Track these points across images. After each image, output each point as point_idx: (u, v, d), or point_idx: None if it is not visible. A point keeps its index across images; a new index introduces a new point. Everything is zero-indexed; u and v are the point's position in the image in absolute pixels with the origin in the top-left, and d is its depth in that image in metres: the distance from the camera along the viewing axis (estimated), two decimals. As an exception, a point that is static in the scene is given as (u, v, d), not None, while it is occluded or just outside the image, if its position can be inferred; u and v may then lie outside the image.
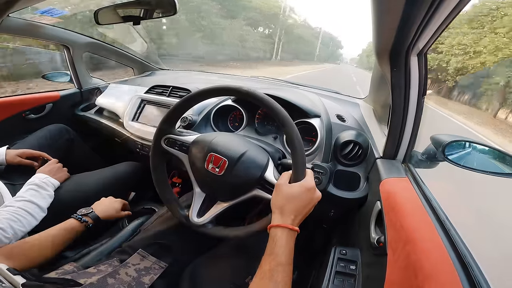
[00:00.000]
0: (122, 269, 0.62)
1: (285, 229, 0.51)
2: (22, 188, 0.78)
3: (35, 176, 0.84)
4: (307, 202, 0.55)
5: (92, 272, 0.60)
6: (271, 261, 0.48)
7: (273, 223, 0.53)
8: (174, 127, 0.75)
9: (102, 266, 0.64)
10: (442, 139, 0.68)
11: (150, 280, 0.62)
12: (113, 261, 0.67)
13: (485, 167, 0.66)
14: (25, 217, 0.70)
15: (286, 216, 0.53)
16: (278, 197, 0.56)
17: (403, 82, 0.63)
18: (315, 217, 0.59)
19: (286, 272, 0.47)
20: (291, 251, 0.50)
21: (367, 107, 1.12)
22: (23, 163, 0.94)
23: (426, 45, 0.58)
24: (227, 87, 0.65)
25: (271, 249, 0.50)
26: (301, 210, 0.54)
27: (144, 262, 0.66)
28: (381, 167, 0.74)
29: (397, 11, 0.43)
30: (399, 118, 0.69)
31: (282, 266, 0.47)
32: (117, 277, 0.60)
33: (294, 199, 0.54)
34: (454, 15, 0.45)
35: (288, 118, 0.59)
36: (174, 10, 0.95)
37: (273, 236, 0.51)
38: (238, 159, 0.64)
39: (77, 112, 1.43)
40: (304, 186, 0.56)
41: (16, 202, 0.72)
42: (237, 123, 1.06)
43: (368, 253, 0.66)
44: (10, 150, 0.95)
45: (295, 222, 0.53)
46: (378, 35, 0.56)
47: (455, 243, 0.44)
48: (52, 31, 1.25)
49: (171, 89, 1.17)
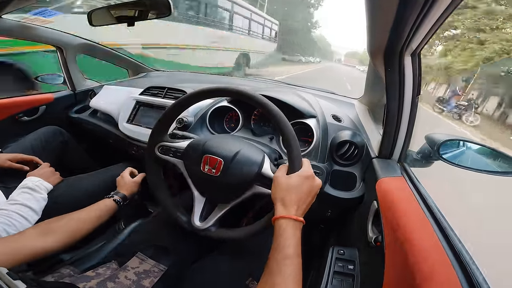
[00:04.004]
0: (122, 273, 0.62)
1: (290, 220, 0.50)
2: (14, 191, 0.77)
3: (28, 179, 0.82)
4: (308, 191, 0.54)
5: (91, 276, 0.60)
6: (278, 255, 0.46)
7: (277, 215, 0.51)
8: (166, 134, 0.75)
9: (101, 269, 0.63)
10: (436, 138, 0.69)
11: (150, 283, 0.61)
12: (111, 263, 0.66)
13: (479, 165, 0.66)
14: (19, 220, 0.69)
15: (289, 207, 0.51)
16: (278, 189, 0.55)
17: (397, 82, 0.63)
18: (312, 217, 0.59)
19: (294, 264, 0.45)
20: (298, 242, 0.48)
21: (362, 107, 1.13)
22: (13, 167, 0.93)
23: (419, 45, 0.58)
24: (221, 88, 0.65)
25: (277, 243, 0.48)
26: (303, 200, 0.53)
27: (143, 265, 0.66)
28: (377, 166, 0.74)
29: (391, 12, 0.43)
30: (394, 118, 0.69)
31: (289, 259, 0.46)
32: (117, 281, 0.59)
33: (294, 189, 0.53)
34: (447, 15, 0.45)
35: (281, 115, 0.59)
36: (169, 11, 0.94)
37: (278, 228, 0.50)
38: (233, 157, 0.64)
39: (71, 114, 1.41)
40: (302, 175, 0.55)
41: (10, 205, 0.71)
42: (233, 124, 1.05)
43: (366, 252, 0.66)
44: (1, 154, 0.93)
45: (299, 213, 0.52)
46: (372, 35, 0.57)
47: (452, 242, 0.45)
48: (45, 32, 1.23)
49: (166, 91, 1.17)
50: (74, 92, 1.45)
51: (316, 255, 0.92)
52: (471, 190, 2.35)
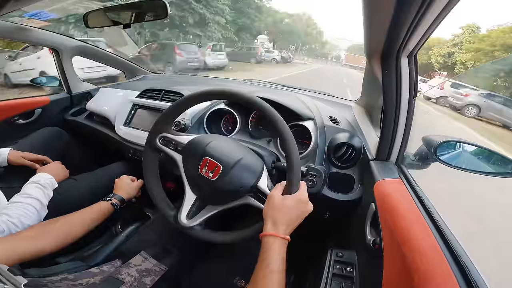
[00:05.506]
0: (124, 269, 0.64)
1: (277, 238, 0.53)
2: (27, 185, 0.78)
3: (40, 175, 0.83)
4: (299, 214, 0.57)
5: (95, 272, 0.61)
6: (265, 268, 0.49)
7: (266, 232, 0.54)
8: (171, 126, 0.75)
9: (105, 266, 0.64)
10: (433, 140, 0.69)
11: (151, 281, 0.63)
12: (116, 262, 0.68)
13: (476, 167, 0.67)
14: (34, 213, 0.71)
15: (279, 226, 0.54)
16: (271, 207, 0.57)
17: (394, 84, 0.63)
18: (311, 220, 0.59)
19: (279, 279, 0.49)
20: (283, 259, 0.51)
21: (359, 109, 1.14)
22: (26, 164, 0.95)
23: (416, 47, 0.58)
24: (225, 91, 0.66)
25: (263, 257, 0.51)
26: (293, 221, 0.56)
27: (145, 263, 0.68)
28: (375, 168, 0.74)
29: (388, 13, 0.43)
30: (391, 120, 0.69)
31: (275, 273, 0.49)
32: (120, 277, 0.61)
33: (287, 211, 0.55)
34: (443, 17, 0.45)
35: (281, 119, 0.59)
36: (166, 13, 0.94)
37: (265, 244, 0.53)
38: (233, 166, 0.64)
39: (67, 117, 1.40)
40: (297, 199, 0.57)
41: (24, 198, 0.73)
42: (231, 127, 1.05)
43: (364, 255, 0.66)
44: (15, 151, 0.95)
45: (287, 232, 0.54)
46: (369, 36, 0.57)
47: (450, 243, 0.45)
48: (40, 34, 1.22)
49: (163, 93, 1.16)
50: (70, 94, 1.44)
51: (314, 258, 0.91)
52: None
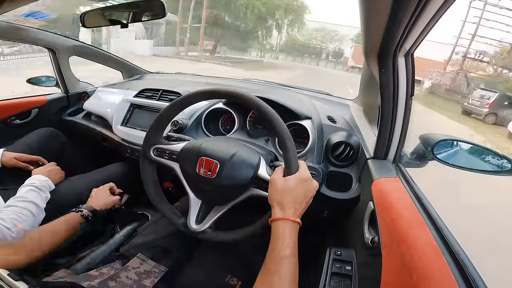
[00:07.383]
0: (123, 272, 0.63)
1: (288, 221, 0.51)
2: (22, 189, 0.77)
3: (35, 177, 0.82)
4: (304, 193, 0.55)
5: (95, 275, 0.60)
6: (276, 255, 0.47)
7: (274, 216, 0.52)
8: (161, 136, 0.74)
9: (105, 269, 0.64)
10: (431, 138, 0.70)
11: (151, 283, 0.62)
12: (115, 263, 0.67)
13: (472, 165, 0.67)
14: (29, 217, 0.70)
15: (286, 209, 0.52)
16: (275, 192, 0.55)
17: (391, 83, 0.64)
18: (309, 219, 0.59)
19: (291, 264, 0.47)
20: (295, 243, 0.49)
21: (357, 108, 1.14)
22: (19, 165, 0.93)
23: (412, 46, 0.59)
24: (218, 90, 0.65)
25: (275, 243, 0.49)
26: (300, 202, 0.54)
27: (144, 266, 0.67)
28: (372, 167, 0.74)
29: (385, 12, 0.43)
30: (389, 119, 0.70)
31: (287, 258, 0.47)
32: (118, 280, 0.60)
33: (291, 191, 0.54)
34: (440, 16, 0.46)
35: (277, 116, 0.59)
36: (163, 12, 0.94)
37: (276, 230, 0.51)
38: (229, 160, 0.64)
39: (64, 117, 1.39)
40: (299, 178, 0.56)
41: (19, 202, 0.71)
42: (229, 126, 1.05)
43: (363, 253, 0.66)
44: (8, 152, 0.94)
45: (296, 214, 0.53)
46: (366, 35, 0.57)
47: (448, 240, 0.45)
48: (37, 34, 1.21)
49: (161, 93, 1.16)
50: (67, 94, 1.43)
51: (313, 256, 0.91)
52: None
